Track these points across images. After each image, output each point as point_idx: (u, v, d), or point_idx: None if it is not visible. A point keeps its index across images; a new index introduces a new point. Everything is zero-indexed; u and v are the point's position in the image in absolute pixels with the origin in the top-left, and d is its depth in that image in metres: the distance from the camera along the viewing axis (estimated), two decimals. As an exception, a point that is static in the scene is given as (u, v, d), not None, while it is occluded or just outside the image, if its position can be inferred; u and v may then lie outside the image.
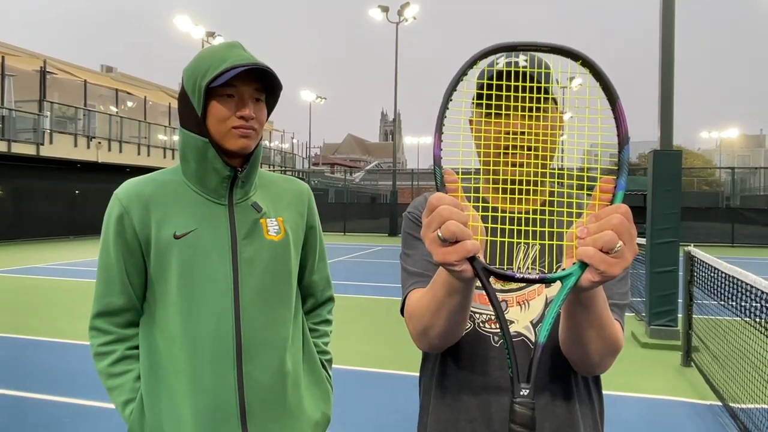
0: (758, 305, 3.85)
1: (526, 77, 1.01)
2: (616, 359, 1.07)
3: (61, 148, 20.47)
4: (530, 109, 1.01)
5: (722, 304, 4.79)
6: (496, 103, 0.97)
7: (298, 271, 1.58)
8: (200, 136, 1.37)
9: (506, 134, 1.06)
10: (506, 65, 1.05)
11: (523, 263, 1.13)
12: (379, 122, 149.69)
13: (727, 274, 4.63)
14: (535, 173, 1.07)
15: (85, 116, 22.57)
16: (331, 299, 1.72)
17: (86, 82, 23.81)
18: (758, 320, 3.85)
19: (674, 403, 4.68)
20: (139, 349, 1.45)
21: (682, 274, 6.05)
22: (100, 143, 22.22)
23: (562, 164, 1.14)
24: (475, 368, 1.14)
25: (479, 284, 0.83)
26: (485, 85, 0.99)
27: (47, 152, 19.79)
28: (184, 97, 1.39)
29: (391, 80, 27.51)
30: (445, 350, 1.14)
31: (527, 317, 1.13)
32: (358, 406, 4.44)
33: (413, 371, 1.65)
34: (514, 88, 0.98)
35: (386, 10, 28.58)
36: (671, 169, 6.57)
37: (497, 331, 1.13)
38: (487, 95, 0.98)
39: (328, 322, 1.70)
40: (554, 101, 1.10)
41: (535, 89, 1.02)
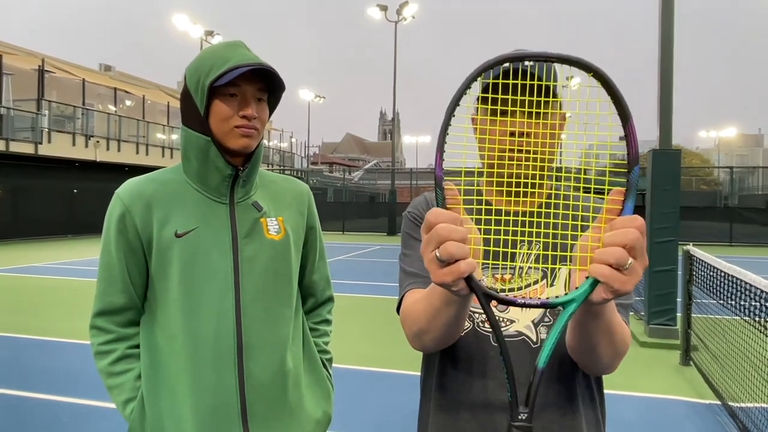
0: (757, 304, 3.86)
1: (527, 77, 1.01)
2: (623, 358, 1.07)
3: (59, 147, 20.44)
4: (533, 106, 1.00)
5: (721, 303, 4.80)
6: (501, 107, 0.97)
7: (298, 270, 1.58)
8: (202, 134, 1.37)
9: (509, 135, 1.06)
10: (510, 65, 1.04)
11: (525, 263, 1.13)
12: (377, 121, 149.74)
13: (726, 273, 4.63)
14: (538, 173, 1.07)
15: (83, 115, 22.55)
16: (331, 299, 1.72)
17: (84, 80, 23.77)
18: (757, 319, 3.85)
19: (673, 402, 4.69)
20: (139, 348, 1.45)
21: (681, 273, 6.06)
22: (98, 142, 22.19)
23: (561, 164, 1.14)
24: (474, 368, 1.14)
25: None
26: (490, 85, 0.99)
27: (45, 151, 19.76)
28: (186, 95, 1.39)
29: (390, 79, 27.45)
30: (445, 350, 1.15)
31: (528, 317, 1.13)
32: (357, 405, 4.44)
33: (412, 370, 1.64)
34: (515, 88, 0.98)
35: (385, 9, 28.54)
36: (670, 168, 6.58)
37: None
38: (490, 95, 0.98)
39: (328, 321, 1.70)
40: (556, 98, 1.10)
41: (536, 89, 1.01)
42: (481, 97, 1.07)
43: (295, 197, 1.57)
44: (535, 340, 1.12)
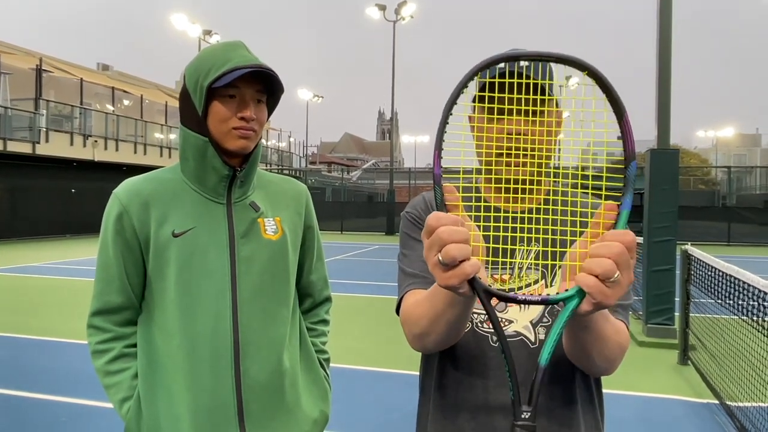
0: (755, 303, 3.86)
1: (524, 77, 1.01)
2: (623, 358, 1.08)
3: (57, 146, 20.40)
4: (530, 107, 1.00)
5: (719, 302, 4.80)
6: (498, 106, 0.96)
7: (296, 270, 1.58)
8: (200, 135, 1.37)
9: (505, 135, 1.06)
10: (506, 65, 1.04)
11: (524, 262, 1.13)
12: (376, 121, 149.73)
13: (723, 272, 4.64)
14: (536, 171, 1.07)
15: (81, 114, 22.50)
16: (328, 299, 1.72)
17: (82, 80, 23.71)
18: (755, 319, 3.86)
19: (671, 401, 4.69)
20: (136, 347, 1.45)
21: (678, 272, 6.07)
22: (96, 142, 22.16)
23: (559, 163, 1.14)
24: (473, 368, 1.14)
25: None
26: (486, 84, 0.99)
27: (43, 151, 19.73)
28: (185, 95, 1.39)
29: (388, 79, 27.46)
30: (444, 350, 1.14)
31: (527, 317, 1.13)
32: (355, 404, 4.44)
33: (410, 370, 1.65)
34: (511, 88, 0.97)
35: (383, 8, 28.55)
36: (668, 168, 6.59)
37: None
38: (486, 95, 0.98)
39: (325, 321, 1.70)
40: (554, 100, 1.10)
41: (532, 89, 1.01)
42: (477, 96, 1.07)
43: (292, 197, 1.57)
44: (533, 340, 1.12)
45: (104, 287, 1.42)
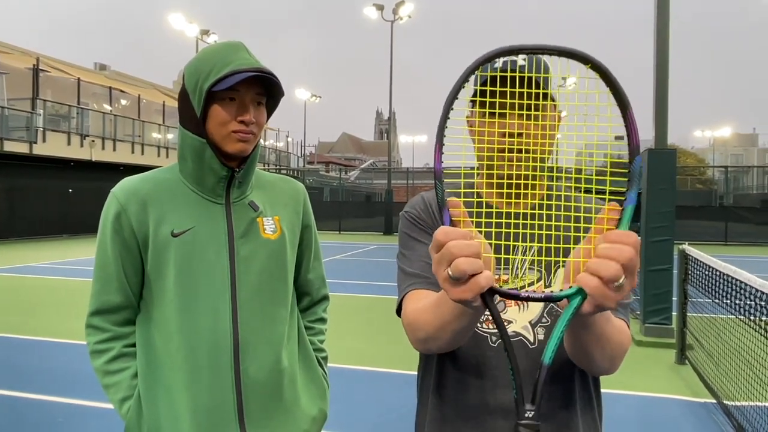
0: (752, 303, 3.87)
1: (524, 77, 1.01)
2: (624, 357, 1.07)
3: (54, 146, 20.36)
4: (528, 107, 1.00)
5: (716, 302, 4.81)
6: (499, 100, 0.96)
7: (294, 269, 1.58)
8: (198, 136, 1.36)
9: (503, 135, 1.06)
10: (504, 64, 1.04)
11: (522, 262, 1.13)
12: (374, 121, 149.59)
13: (721, 272, 4.65)
14: (533, 172, 1.07)
15: (78, 114, 22.47)
16: (326, 298, 1.72)
17: (79, 80, 23.65)
18: (752, 318, 3.87)
19: (668, 400, 4.70)
20: (135, 346, 1.44)
21: (676, 272, 6.08)
22: (93, 141, 22.11)
23: (558, 163, 1.14)
24: (472, 368, 1.14)
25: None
26: (486, 81, 0.98)
27: (40, 150, 19.69)
28: (184, 95, 1.38)
29: (386, 79, 27.47)
30: None
31: (526, 317, 1.13)
32: (353, 404, 4.44)
33: (408, 370, 1.65)
34: (511, 87, 0.97)
35: (381, 8, 28.55)
36: (666, 167, 6.60)
37: (495, 330, 1.13)
38: (483, 94, 0.98)
39: (323, 320, 1.70)
40: (552, 99, 1.10)
41: (532, 87, 1.01)
42: (478, 91, 1.06)
43: (291, 197, 1.57)
44: (532, 341, 1.12)
45: (102, 287, 1.42)
